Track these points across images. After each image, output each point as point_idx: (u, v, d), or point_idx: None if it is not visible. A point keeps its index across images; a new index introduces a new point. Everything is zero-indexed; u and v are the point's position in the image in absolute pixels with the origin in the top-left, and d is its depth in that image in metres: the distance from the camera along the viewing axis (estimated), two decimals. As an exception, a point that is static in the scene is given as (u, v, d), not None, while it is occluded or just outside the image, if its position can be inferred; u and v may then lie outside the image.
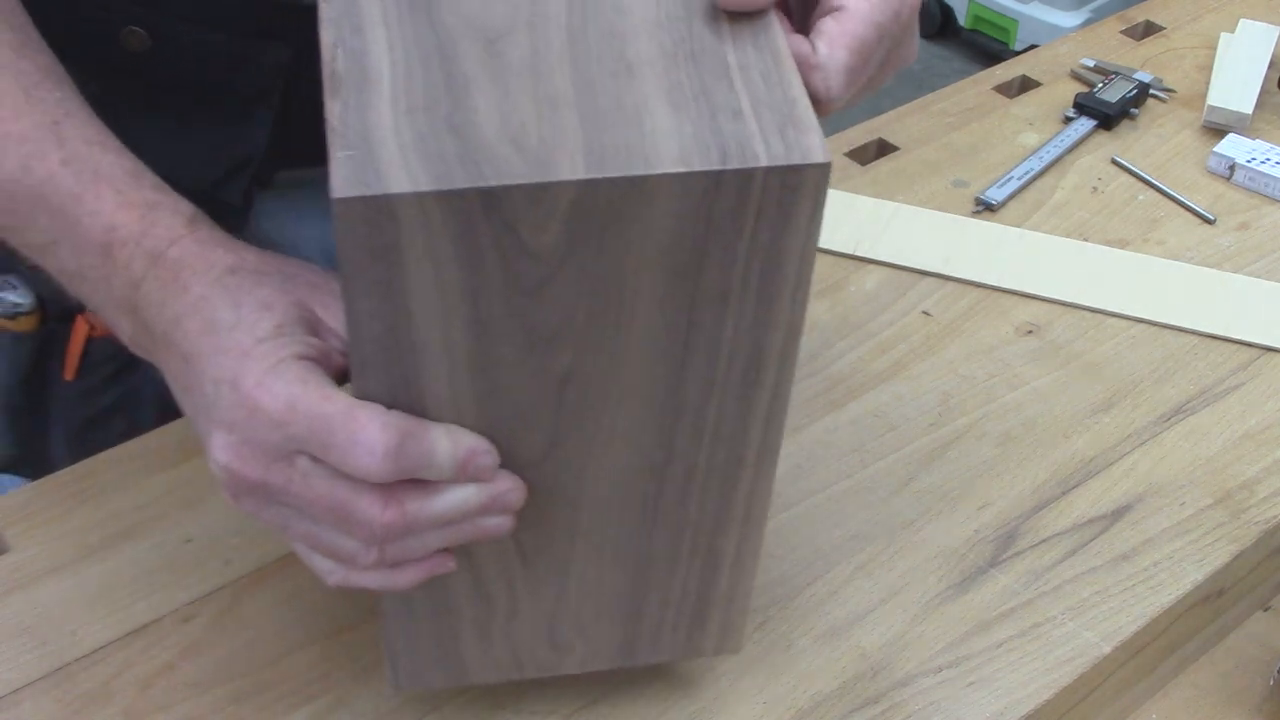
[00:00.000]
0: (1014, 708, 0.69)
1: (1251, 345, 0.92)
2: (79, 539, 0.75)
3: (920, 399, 0.86)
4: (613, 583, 0.60)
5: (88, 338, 0.84)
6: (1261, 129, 1.12)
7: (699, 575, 0.61)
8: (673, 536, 0.59)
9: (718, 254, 0.48)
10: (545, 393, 0.51)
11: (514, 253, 0.47)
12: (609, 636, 0.63)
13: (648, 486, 0.57)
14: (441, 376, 0.50)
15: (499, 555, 0.57)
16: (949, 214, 1.02)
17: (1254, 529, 0.78)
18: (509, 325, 0.49)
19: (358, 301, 0.47)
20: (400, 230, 0.45)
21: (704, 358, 0.52)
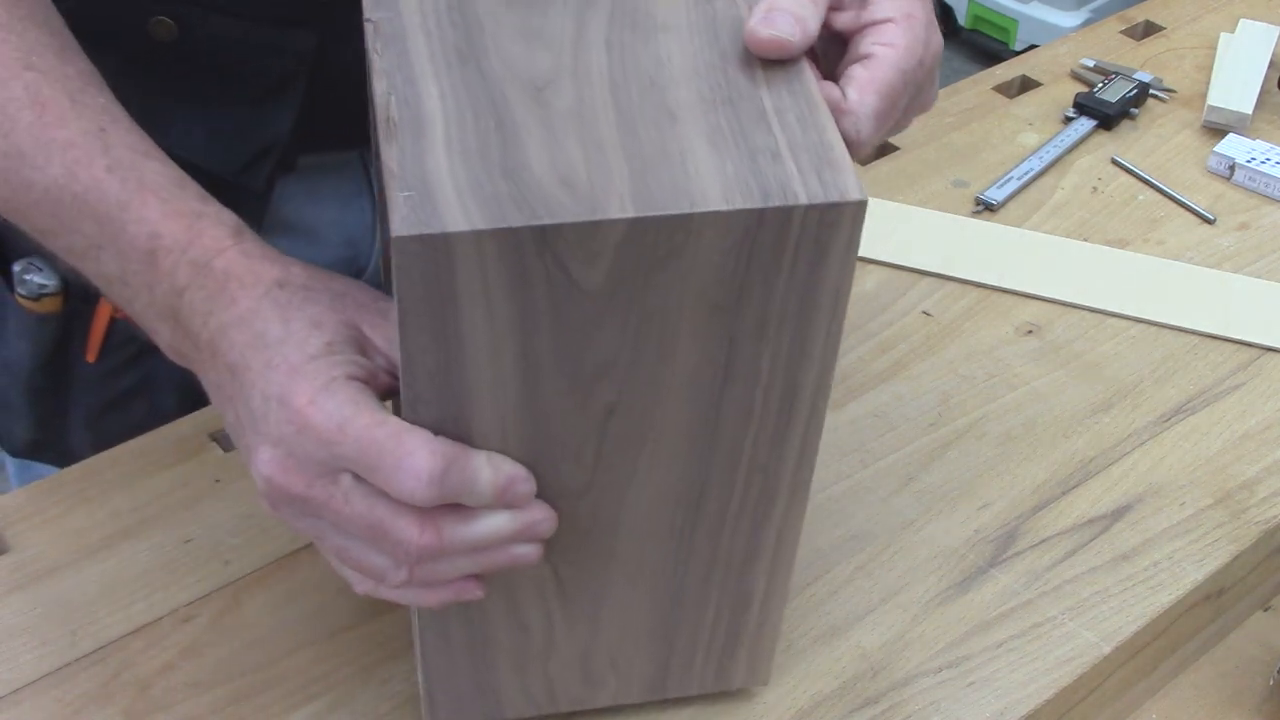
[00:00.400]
0: (1014, 708, 0.69)
1: (1251, 345, 0.92)
2: (79, 539, 0.75)
3: (920, 399, 0.86)
4: (646, 615, 0.62)
5: (111, 319, 0.85)
6: (1261, 129, 1.12)
7: (730, 608, 0.62)
8: (705, 568, 0.60)
9: (758, 288, 0.50)
10: (589, 426, 0.53)
11: (564, 289, 0.48)
12: (641, 669, 0.64)
13: (683, 518, 0.58)
14: (490, 411, 0.51)
15: (537, 587, 0.59)
16: (949, 214, 1.02)
17: (1254, 529, 0.78)
18: (557, 360, 0.50)
19: (413, 337, 0.49)
20: (456, 267, 0.47)
21: (741, 390, 0.54)
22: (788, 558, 0.61)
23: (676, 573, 0.60)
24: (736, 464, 0.56)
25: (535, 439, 0.53)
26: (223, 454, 0.80)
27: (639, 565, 0.59)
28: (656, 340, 0.51)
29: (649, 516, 0.57)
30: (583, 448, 0.54)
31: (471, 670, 0.62)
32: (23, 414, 0.90)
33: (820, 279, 0.51)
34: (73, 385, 0.88)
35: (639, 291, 0.49)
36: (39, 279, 0.84)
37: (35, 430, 0.91)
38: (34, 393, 0.89)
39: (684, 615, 0.62)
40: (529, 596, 0.59)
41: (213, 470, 0.79)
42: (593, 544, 0.58)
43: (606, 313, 0.50)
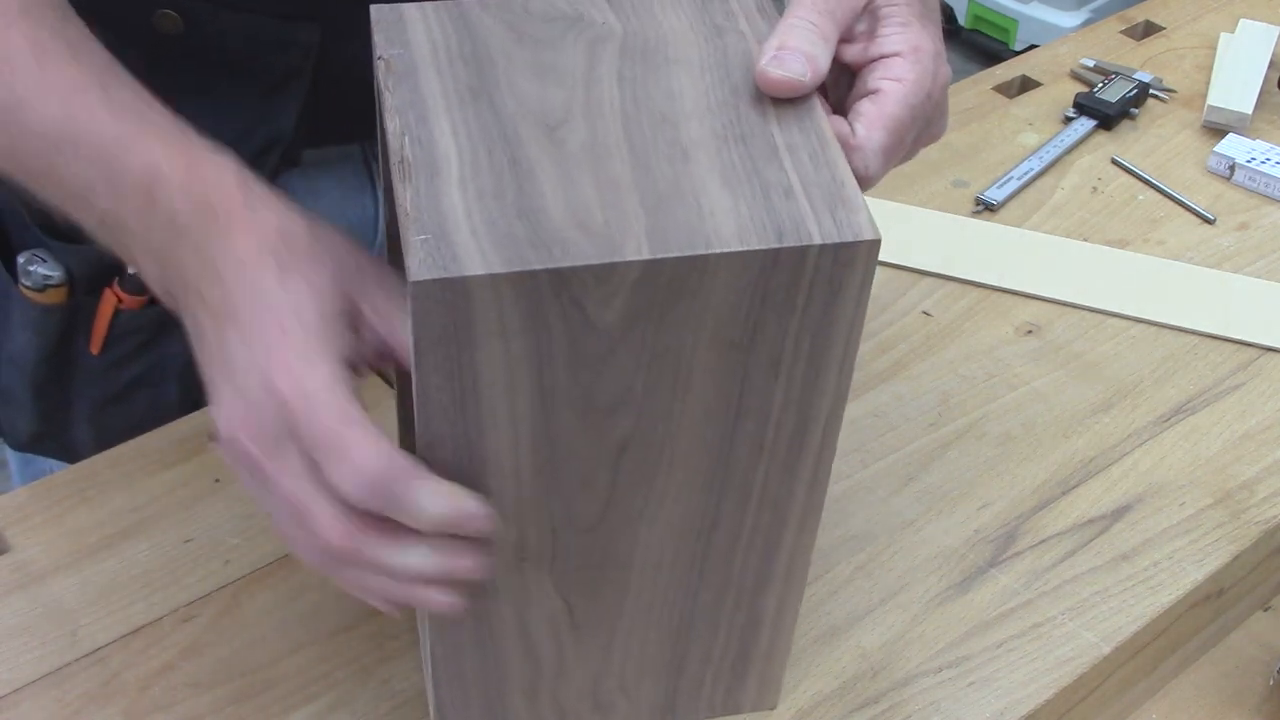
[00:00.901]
0: (1014, 708, 0.69)
1: (1251, 345, 0.92)
2: (79, 539, 0.75)
3: (920, 399, 0.86)
4: (657, 642, 0.62)
5: (115, 311, 0.85)
6: (1261, 129, 1.12)
7: (740, 633, 0.63)
8: (717, 596, 0.61)
9: (772, 326, 0.51)
10: (603, 460, 0.53)
11: (579, 328, 0.49)
12: (651, 695, 0.65)
13: (695, 550, 0.58)
14: (505, 446, 0.52)
15: (550, 619, 0.59)
16: (949, 214, 1.02)
17: (1254, 529, 0.78)
18: (572, 395, 0.51)
19: (429, 377, 0.49)
20: (474, 309, 0.47)
21: (754, 424, 0.54)
22: (798, 582, 0.62)
23: (688, 602, 0.61)
24: (748, 496, 0.57)
25: (549, 471, 0.53)
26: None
27: (651, 597, 0.60)
28: (671, 376, 0.51)
29: (661, 549, 0.58)
30: (596, 480, 0.54)
31: (483, 698, 0.62)
32: (26, 406, 0.90)
33: (835, 318, 0.51)
34: (76, 377, 0.88)
35: (654, 329, 0.50)
36: (43, 270, 0.84)
37: (38, 422, 0.91)
38: (38, 385, 0.89)
39: (695, 640, 0.63)
40: (541, 629, 0.60)
41: (213, 470, 0.79)
42: (606, 578, 0.58)
43: (621, 349, 0.50)
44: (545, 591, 0.58)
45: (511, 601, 0.58)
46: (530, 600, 0.58)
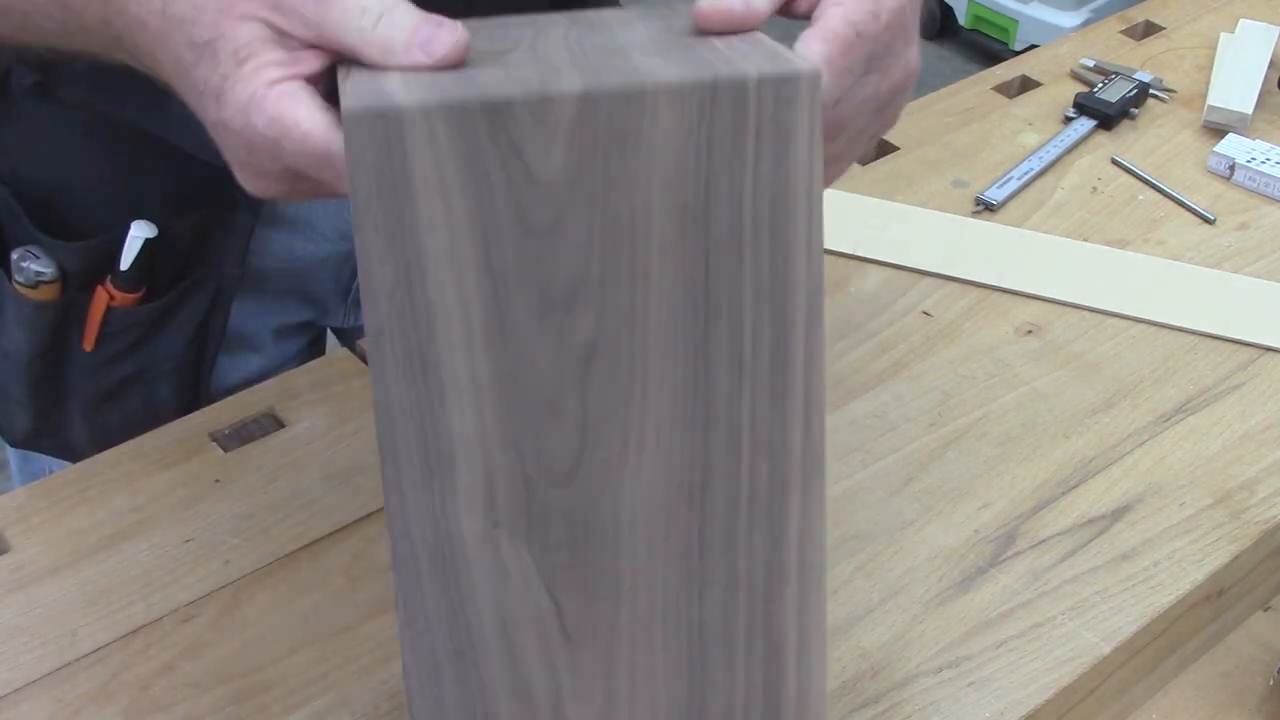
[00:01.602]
0: (1014, 708, 0.69)
1: (1251, 345, 0.92)
2: (79, 539, 0.75)
3: (920, 399, 0.86)
4: (667, 676, 0.56)
5: (107, 307, 0.85)
6: (1261, 129, 1.12)
7: (762, 663, 0.56)
8: (726, 598, 0.55)
9: (724, 184, 0.49)
10: (568, 375, 0.51)
11: (521, 181, 0.48)
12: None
13: (689, 518, 0.54)
14: (459, 346, 0.49)
15: (538, 627, 0.54)
16: (949, 214, 1.02)
17: (1254, 529, 0.78)
18: (523, 278, 0.49)
19: (370, 242, 0.48)
20: (408, 151, 0.47)
21: (727, 328, 0.51)
22: (815, 586, 0.56)
23: (695, 612, 0.55)
24: (738, 438, 0.53)
25: (513, 390, 0.50)
26: (223, 454, 0.81)
27: (650, 595, 0.54)
28: (628, 255, 0.49)
29: (651, 515, 0.53)
30: (564, 405, 0.51)
31: None
32: (22, 403, 0.90)
33: (788, 172, 0.50)
34: (70, 374, 0.88)
35: (599, 188, 0.48)
36: (36, 266, 0.84)
37: (34, 419, 0.91)
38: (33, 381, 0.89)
39: (711, 677, 0.56)
40: (530, 643, 0.54)
41: (213, 470, 0.79)
42: (594, 564, 0.54)
43: (569, 213, 0.48)
44: (528, 577, 0.53)
45: (491, 592, 0.53)
46: (511, 591, 0.53)
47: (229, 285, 0.88)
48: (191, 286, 0.87)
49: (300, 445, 0.81)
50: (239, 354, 0.93)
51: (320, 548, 0.75)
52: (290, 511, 0.77)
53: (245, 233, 0.87)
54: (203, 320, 0.88)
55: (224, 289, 0.88)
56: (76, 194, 0.86)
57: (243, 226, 0.87)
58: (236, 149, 0.52)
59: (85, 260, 0.85)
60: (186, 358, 0.89)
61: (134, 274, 0.84)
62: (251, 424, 0.83)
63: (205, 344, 0.89)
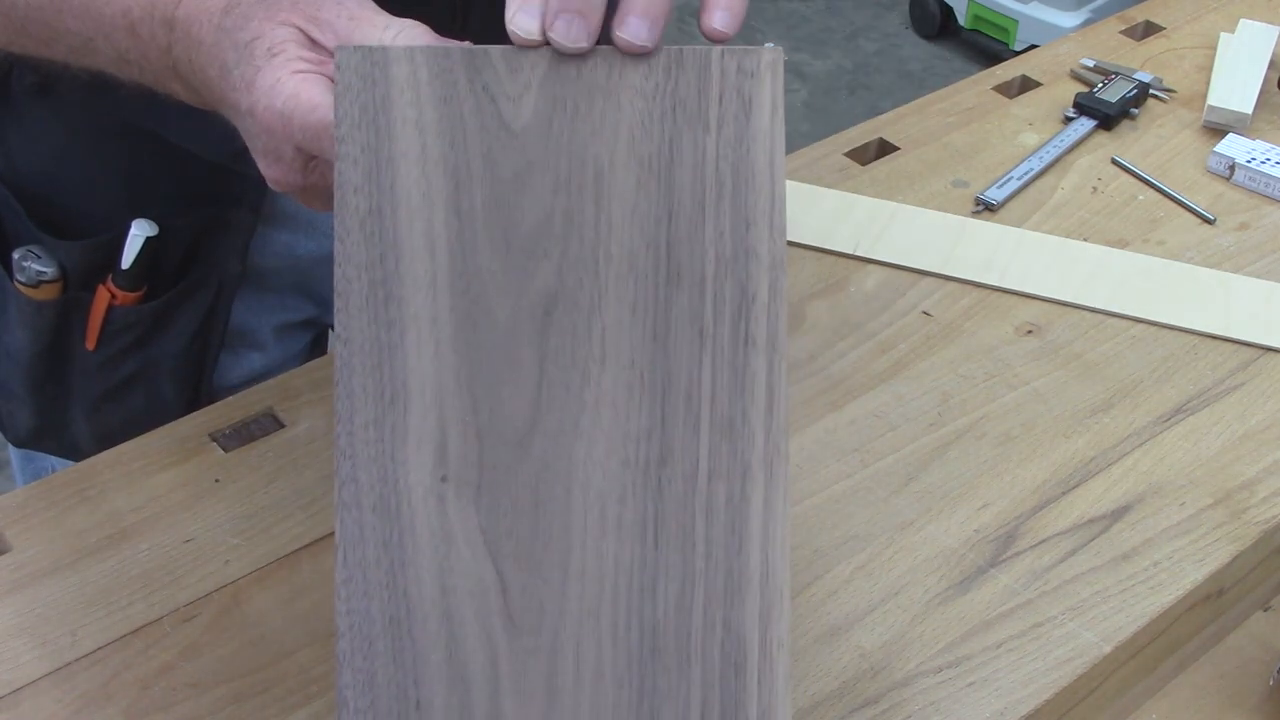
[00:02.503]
0: (1014, 708, 0.69)
1: (1251, 345, 0.92)
2: (79, 539, 0.75)
3: (920, 399, 0.86)
4: (616, 679, 0.52)
5: (109, 306, 0.85)
6: (1261, 129, 1.12)
7: (719, 679, 0.52)
8: (681, 596, 0.52)
9: (687, 147, 0.51)
10: (528, 324, 0.51)
11: (493, 127, 0.51)
12: None
13: (645, 502, 0.52)
14: (423, 284, 0.51)
15: (480, 600, 0.52)
16: (949, 214, 1.02)
17: (1254, 529, 0.78)
18: (489, 221, 0.51)
19: (348, 171, 0.50)
20: (390, 85, 0.50)
21: (689, 296, 0.52)
22: (779, 597, 0.52)
23: (647, 608, 0.52)
24: (696, 411, 0.52)
25: (470, 328, 0.51)
26: (223, 454, 0.81)
27: (600, 582, 0.52)
28: (592, 200, 0.51)
29: (604, 490, 0.52)
30: (522, 352, 0.51)
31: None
32: (25, 401, 0.90)
33: (751, 142, 0.51)
34: (72, 373, 0.89)
35: (568, 133, 0.51)
36: (37, 266, 0.85)
37: (37, 418, 0.91)
38: (35, 380, 0.89)
39: (664, 689, 0.52)
40: (469, 618, 0.52)
41: (213, 470, 0.79)
42: (543, 537, 0.51)
43: (537, 162, 0.51)
44: (473, 543, 0.51)
45: (433, 554, 0.51)
46: (454, 557, 0.51)
47: (230, 283, 0.88)
48: (193, 285, 0.87)
49: (300, 445, 0.81)
50: (241, 352, 0.93)
51: (320, 548, 0.75)
52: (290, 511, 0.77)
53: (246, 231, 0.87)
54: (204, 319, 0.88)
55: (225, 287, 0.88)
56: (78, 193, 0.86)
57: (244, 225, 0.87)
58: (258, 135, 0.56)
59: (86, 259, 0.85)
60: (188, 356, 0.89)
61: (135, 273, 0.84)
62: (251, 424, 0.83)
63: (207, 342, 0.89)
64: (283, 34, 0.56)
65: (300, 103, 0.54)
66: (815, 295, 0.94)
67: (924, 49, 3.20)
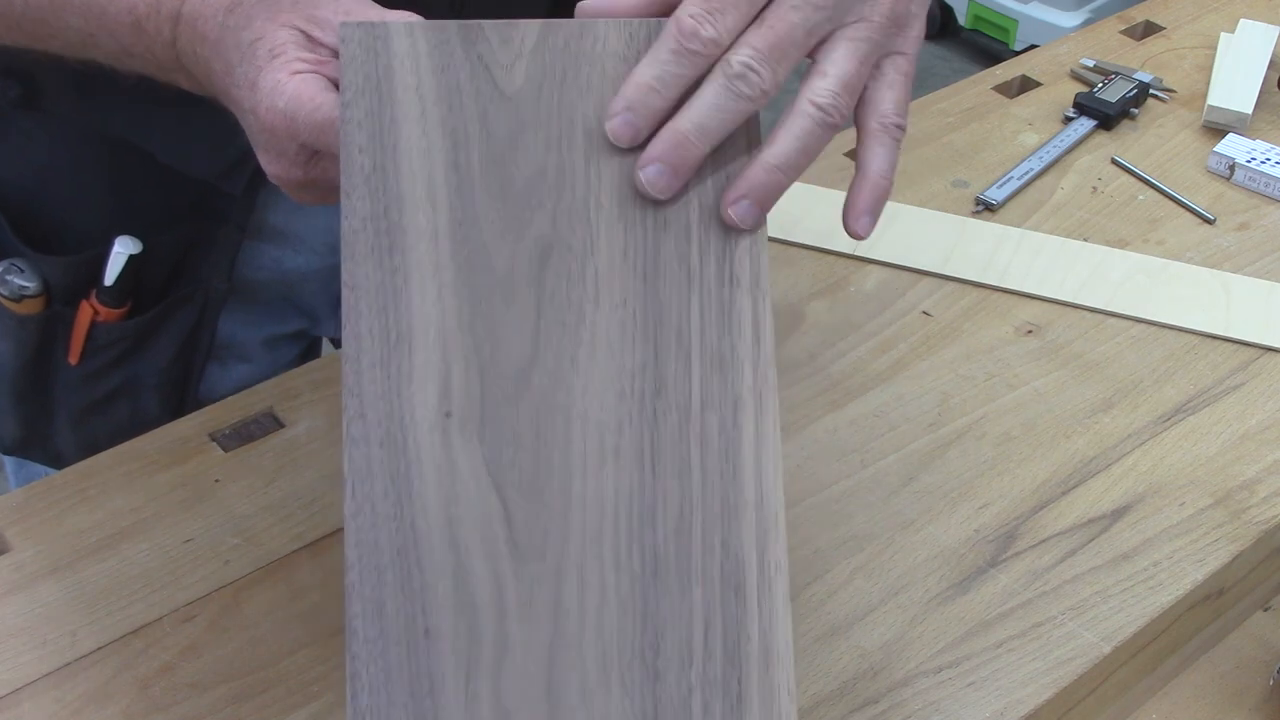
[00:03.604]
0: (1014, 708, 0.69)
1: (1251, 345, 0.92)
2: (79, 539, 0.75)
3: (920, 399, 0.86)
4: (620, 603, 0.54)
5: (92, 322, 0.85)
6: (1261, 129, 1.12)
7: (720, 599, 0.54)
8: (680, 522, 0.54)
9: None
10: (525, 267, 0.54)
11: (489, 94, 0.54)
12: (622, 711, 0.54)
13: (642, 431, 0.54)
14: (425, 234, 0.53)
15: (484, 529, 0.53)
16: (949, 214, 1.02)
17: (1254, 529, 0.78)
18: (486, 176, 0.54)
19: (353, 133, 0.54)
20: (392, 57, 0.54)
21: (674, 240, 0.55)
22: (774, 523, 0.54)
23: (647, 534, 0.54)
24: (686, 345, 0.54)
25: (471, 272, 0.53)
26: (223, 454, 0.81)
27: (600, 507, 0.53)
28: (582, 154, 0.54)
29: (602, 420, 0.53)
30: (519, 292, 0.54)
31: (409, 688, 0.52)
32: (9, 412, 0.90)
33: None
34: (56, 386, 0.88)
35: (557, 97, 0.54)
36: (20, 280, 0.84)
37: (22, 429, 0.91)
38: (19, 392, 0.89)
39: (665, 609, 0.54)
40: (475, 545, 0.53)
41: (213, 470, 0.79)
42: (544, 459, 0.53)
43: (531, 122, 0.54)
44: (477, 475, 0.53)
45: (438, 486, 0.53)
46: (459, 489, 0.53)
47: (216, 299, 0.87)
48: (178, 301, 0.87)
49: (300, 445, 0.81)
50: (229, 363, 0.93)
51: (320, 548, 0.75)
52: (290, 511, 0.77)
53: (232, 247, 0.86)
54: (189, 334, 0.88)
55: (211, 303, 0.87)
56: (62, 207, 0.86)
57: (229, 241, 0.86)
58: (261, 132, 0.57)
59: (69, 275, 0.85)
60: (173, 371, 0.88)
61: (118, 289, 0.84)
62: (251, 424, 0.83)
63: (192, 357, 0.89)
64: (283, 36, 0.57)
65: (303, 102, 0.55)
66: (815, 295, 0.94)
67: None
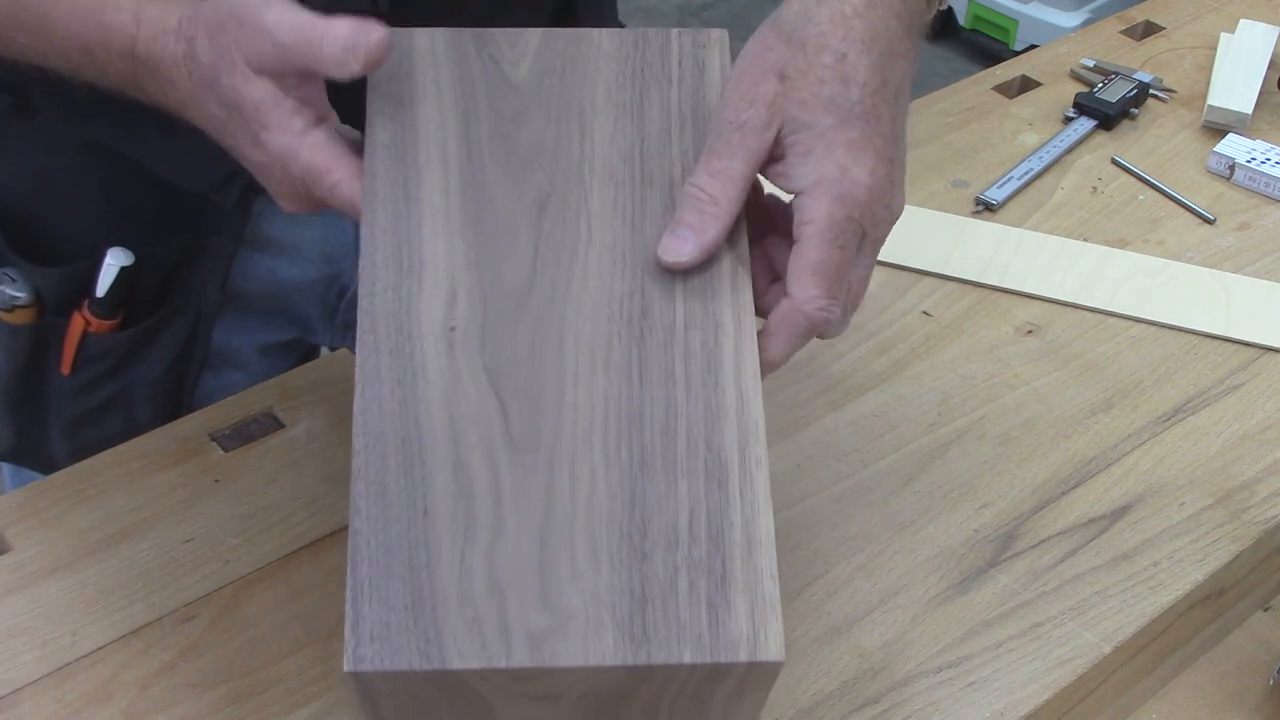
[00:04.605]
0: (1014, 708, 0.69)
1: (1251, 345, 0.92)
2: (79, 539, 0.75)
3: (920, 399, 0.86)
4: (609, 491, 0.56)
5: (84, 333, 0.85)
6: (1261, 129, 1.12)
7: (704, 490, 0.57)
8: (666, 425, 0.57)
9: (654, 95, 0.63)
10: (526, 216, 0.60)
11: (497, 83, 0.63)
12: (612, 595, 0.55)
13: (630, 346, 0.59)
14: (438, 190, 0.61)
15: (483, 428, 0.56)
16: (949, 214, 1.02)
17: (1254, 529, 0.78)
18: (493, 144, 0.62)
19: (377, 108, 0.61)
20: (414, 54, 0.63)
21: (659, 195, 0.61)
22: (754, 429, 0.57)
23: (636, 433, 0.57)
24: (671, 282, 0.60)
25: (477, 220, 0.60)
26: (223, 454, 0.81)
27: (591, 406, 0.57)
28: (577, 130, 0.62)
29: (593, 338, 0.58)
30: (520, 236, 0.60)
31: (408, 560, 0.54)
32: (2, 420, 0.90)
33: (706, 89, 0.64)
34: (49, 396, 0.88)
35: (557, 86, 0.63)
36: (11, 290, 0.84)
37: (15, 436, 0.91)
38: (12, 401, 0.89)
39: (651, 498, 0.56)
40: (474, 439, 0.56)
41: (213, 470, 0.79)
42: (539, 369, 0.58)
43: (533, 105, 0.62)
44: (477, 380, 0.57)
45: (442, 387, 0.56)
46: (461, 390, 0.56)
47: (209, 310, 0.87)
48: (171, 312, 0.86)
49: (300, 445, 0.81)
50: (223, 371, 0.92)
51: (320, 548, 0.75)
52: (290, 511, 0.77)
53: (225, 258, 0.86)
54: (183, 345, 0.87)
55: (204, 314, 0.87)
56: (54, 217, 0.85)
57: (223, 252, 0.86)
58: (277, 183, 0.61)
59: (61, 286, 0.84)
60: (166, 381, 0.88)
61: (110, 301, 0.84)
62: (251, 424, 0.83)
63: (185, 367, 0.88)
64: (258, 91, 0.58)
65: (320, 176, 0.59)
66: (815, 295, 0.94)
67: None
